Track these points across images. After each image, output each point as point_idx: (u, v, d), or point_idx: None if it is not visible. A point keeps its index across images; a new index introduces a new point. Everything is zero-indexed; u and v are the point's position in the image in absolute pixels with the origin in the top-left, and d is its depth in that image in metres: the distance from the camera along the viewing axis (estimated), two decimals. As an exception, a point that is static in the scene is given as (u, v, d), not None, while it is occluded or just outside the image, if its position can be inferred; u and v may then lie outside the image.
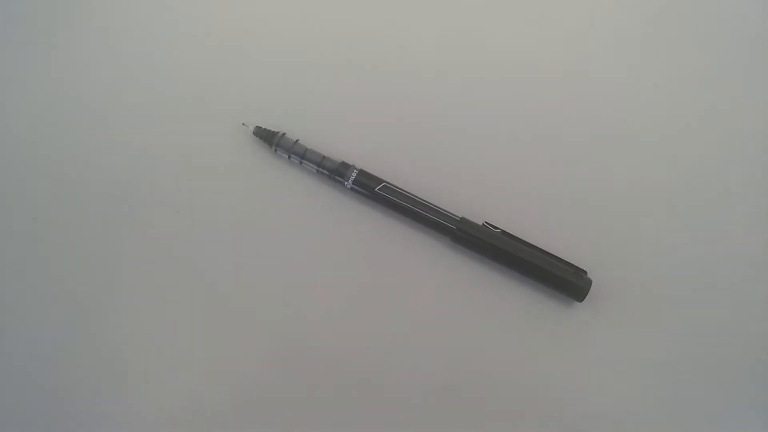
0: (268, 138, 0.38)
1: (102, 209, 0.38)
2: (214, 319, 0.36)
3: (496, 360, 0.36)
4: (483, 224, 0.36)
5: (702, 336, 0.36)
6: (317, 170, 0.37)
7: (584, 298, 0.35)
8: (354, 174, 0.37)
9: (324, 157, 0.37)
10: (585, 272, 0.36)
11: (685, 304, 0.36)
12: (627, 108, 0.39)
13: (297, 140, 0.37)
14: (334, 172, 0.37)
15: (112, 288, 0.37)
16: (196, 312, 0.37)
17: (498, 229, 0.36)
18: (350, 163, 0.37)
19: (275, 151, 0.38)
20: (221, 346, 0.36)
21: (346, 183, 0.37)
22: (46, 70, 0.40)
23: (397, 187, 0.37)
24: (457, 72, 0.40)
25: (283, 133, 0.38)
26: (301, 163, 0.37)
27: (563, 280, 0.35)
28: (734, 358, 0.36)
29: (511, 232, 0.36)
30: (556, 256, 0.36)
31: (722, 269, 0.37)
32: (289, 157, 0.38)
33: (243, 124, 0.38)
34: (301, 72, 0.40)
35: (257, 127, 0.38)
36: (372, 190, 0.37)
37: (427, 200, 0.37)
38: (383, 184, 0.37)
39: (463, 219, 0.36)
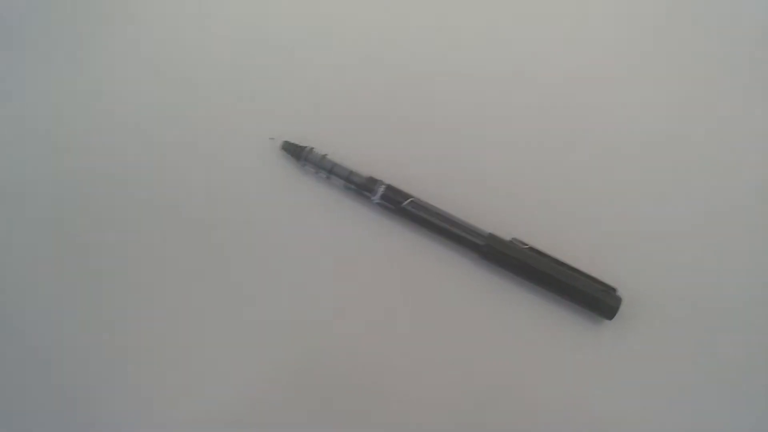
0: (296, 152, 0.38)
1: (128, 224, 0.38)
2: (239, 333, 0.37)
3: (524, 379, 0.35)
4: (511, 240, 0.36)
5: (736, 357, 0.35)
6: (344, 185, 0.37)
7: (614, 316, 0.35)
8: (381, 189, 0.37)
9: (351, 171, 0.37)
10: (615, 290, 0.35)
11: (719, 323, 0.36)
12: (658, 124, 0.39)
13: (325, 155, 0.37)
14: (361, 186, 0.37)
15: (138, 302, 0.37)
16: (222, 326, 0.37)
17: (526, 245, 0.36)
18: (378, 178, 0.37)
19: (303, 165, 0.38)
20: (248, 361, 0.36)
21: (373, 198, 0.37)
22: (74, 83, 0.41)
23: (424, 203, 0.37)
24: (486, 88, 0.40)
25: (312, 148, 0.38)
26: (328, 177, 0.37)
27: (592, 298, 0.35)
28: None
29: (540, 248, 0.36)
30: (585, 273, 0.36)
31: (760, 286, 0.36)
32: (317, 172, 0.38)
33: (271, 138, 0.38)
34: (329, 86, 0.40)
35: (285, 141, 0.38)
36: (399, 206, 0.37)
37: (455, 216, 0.36)
38: (410, 199, 0.37)
39: (491, 235, 0.36)
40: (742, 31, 0.40)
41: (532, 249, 0.36)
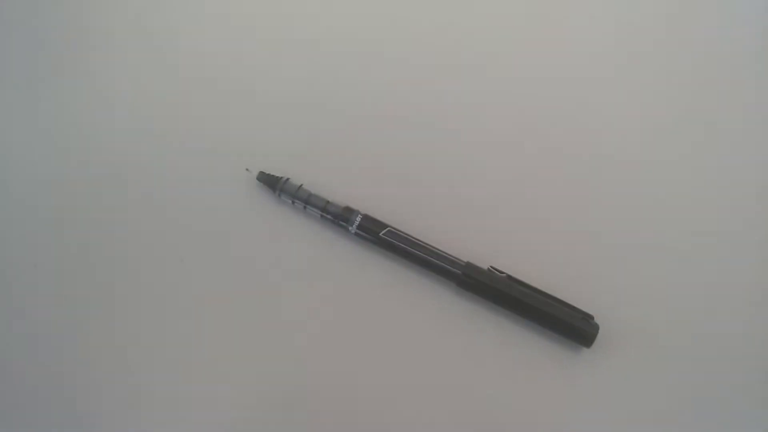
0: (271, 183, 0.38)
1: (104, 257, 0.38)
2: (214, 366, 0.36)
3: (503, 407, 0.35)
4: (488, 269, 0.36)
5: (712, 383, 0.35)
6: (321, 215, 0.37)
7: (592, 343, 0.35)
8: (358, 219, 0.37)
9: (328, 202, 0.37)
10: (592, 317, 0.35)
11: (695, 350, 0.36)
12: (634, 151, 0.39)
13: (301, 185, 0.37)
14: (338, 217, 0.37)
15: (115, 335, 0.37)
16: (196, 358, 0.36)
17: (504, 273, 0.36)
18: (354, 208, 0.37)
19: (279, 196, 0.38)
20: (221, 395, 0.36)
21: (350, 228, 0.37)
22: (50, 114, 0.40)
23: (401, 232, 0.37)
24: (461, 117, 0.40)
25: (287, 179, 0.38)
26: (305, 208, 0.37)
27: (570, 326, 0.35)
28: (750, 410, 0.35)
29: (517, 277, 0.36)
30: (562, 301, 0.36)
31: (735, 315, 0.36)
32: (293, 202, 0.37)
33: (247, 169, 0.38)
34: (304, 117, 0.40)
35: (261, 172, 0.38)
36: (376, 235, 0.36)
37: (432, 245, 0.36)
38: (387, 228, 0.37)
39: (468, 263, 0.36)
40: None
41: (509, 277, 0.36)
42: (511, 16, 0.42)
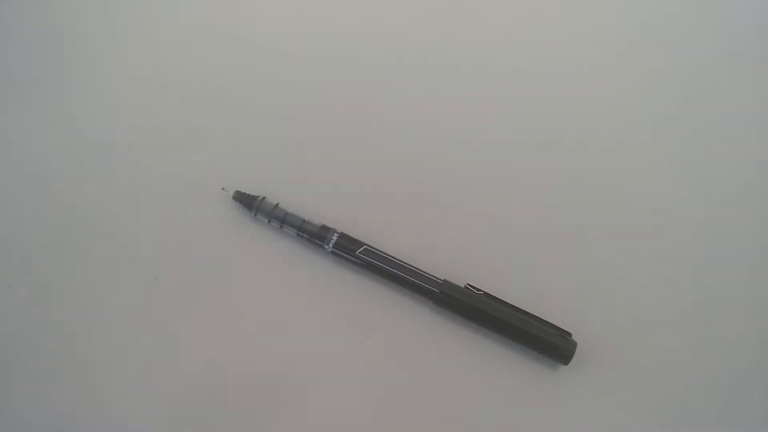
0: (247, 202, 0.37)
1: (78, 274, 0.38)
2: (187, 386, 0.36)
3: (481, 425, 0.35)
4: (465, 286, 0.36)
5: (691, 400, 0.35)
6: (298, 234, 0.37)
7: (570, 361, 0.35)
8: (335, 237, 0.36)
9: (304, 220, 0.37)
10: (570, 334, 0.35)
11: (673, 367, 0.36)
12: (609, 168, 0.40)
13: (277, 204, 0.37)
14: (314, 235, 0.37)
15: (88, 352, 0.36)
16: (169, 375, 0.36)
17: (481, 291, 0.36)
18: (330, 226, 0.37)
19: (255, 215, 0.37)
20: (195, 412, 0.35)
21: (326, 247, 0.37)
22: (28, 130, 0.40)
23: (378, 250, 0.36)
24: (436, 135, 0.40)
25: (263, 197, 0.37)
26: (281, 227, 0.37)
27: (548, 343, 0.35)
28: (729, 428, 0.35)
29: (495, 294, 0.36)
30: (540, 318, 0.35)
31: (712, 333, 0.36)
32: (270, 221, 0.37)
33: (222, 188, 0.38)
34: (280, 136, 0.40)
35: (237, 191, 0.38)
36: (353, 254, 0.36)
37: (409, 263, 0.36)
38: (364, 247, 0.36)
39: (445, 281, 0.36)
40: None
41: (486, 295, 0.36)
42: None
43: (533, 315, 0.36)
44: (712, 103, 0.40)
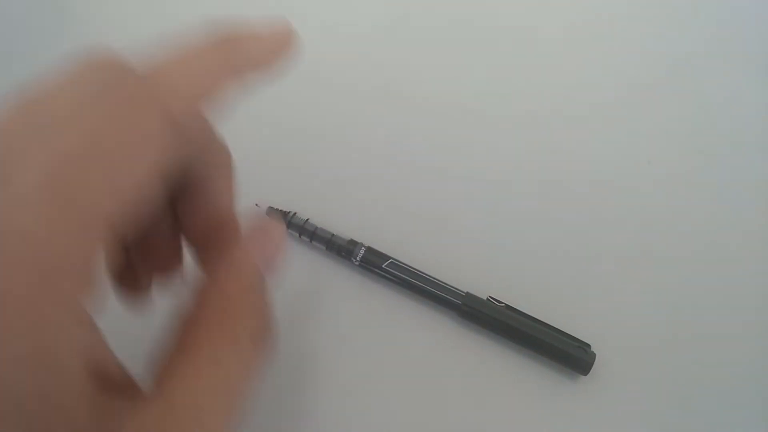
0: (279, 218, 0.39)
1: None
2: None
3: (504, 434, 0.36)
4: (488, 299, 0.38)
5: (711, 412, 0.36)
6: (326, 248, 0.39)
7: (588, 371, 0.36)
8: (362, 251, 0.38)
9: (333, 235, 0.39)
10: (589, 346, 0.36)
11: (693, 379, 0.36)
12: (631, 183, 0.41)
13: (307, 219, 0.39)
14: (342, 249, 0.39)
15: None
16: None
17: (503, 303, 0.37)
18: (358, 240, 0.39)
19: (287, 229, 0.39)
20: None
21: (353, 260, 0.38)
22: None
23: (404, 264, 0.38)
24: (461, 150, 0.42)
25: (294, 213, 0.39)
26: (311, 241, 0.39)
27: (567, 354, 0.36)
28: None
29: (516, 306, 0.37)
30: (559, 330, 0.37)
31: (736, 346, 0.37)
32: (300, 236, 0.39)
33: (256, 204, 0.40)
34: (311, 154, 0.42)
35: (270, 207, 0.40)
36: (379, 267, 0.38)
37: (434, 276, 0.38)
38: (390, 260, 0.38)
39: (468, 294, 0.37)
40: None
41: (508, 307, 0.37)
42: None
43: (553, 327, 0.37)
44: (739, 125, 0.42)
